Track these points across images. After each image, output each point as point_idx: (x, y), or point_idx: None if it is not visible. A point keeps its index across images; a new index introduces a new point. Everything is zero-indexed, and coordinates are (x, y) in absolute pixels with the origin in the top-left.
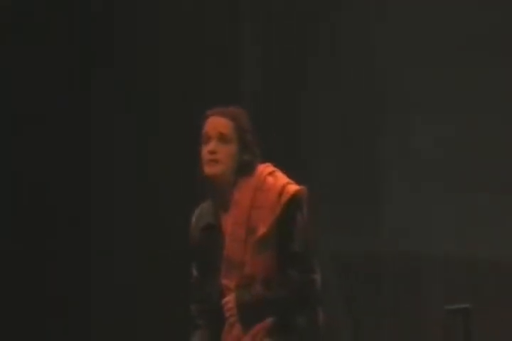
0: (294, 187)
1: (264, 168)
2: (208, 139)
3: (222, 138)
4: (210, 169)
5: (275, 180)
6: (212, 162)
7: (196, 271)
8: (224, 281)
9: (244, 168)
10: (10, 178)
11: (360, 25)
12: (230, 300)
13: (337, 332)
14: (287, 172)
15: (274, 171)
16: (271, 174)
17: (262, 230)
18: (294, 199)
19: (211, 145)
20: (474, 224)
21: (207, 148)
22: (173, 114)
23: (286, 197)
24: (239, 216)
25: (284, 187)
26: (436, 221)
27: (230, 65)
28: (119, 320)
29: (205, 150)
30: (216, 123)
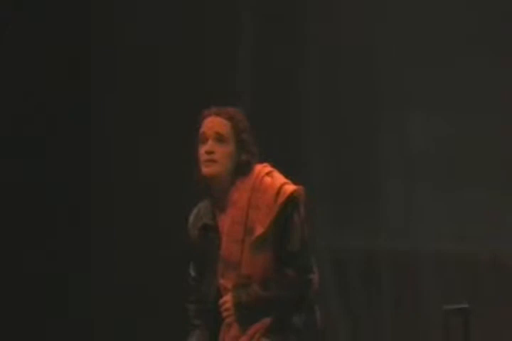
0: (291, 187)
1: (262, 168)
2: (205, 139)
3: (219, 138)
4: (208, 169)
5: (272, 180)
6: (210, 162)
7: (193, 271)
8: (221, 281)
9: (242, 168)
10: (10, 178)
11: (358, 24)
12: (227, 300)
13: (335, 332)
14: (284, 172)
15: (271, 171)
16: (268, 174)
17: (259, 230)
18: (291, 199)
19: (208, 146)
20: (473, 223)
21: (204, 148)
22: (172, 114)
23: (283, 197)
24: (236, 216)
25: (281, 188)
26: (434, 220)
27: (227, 65)
28: (118, 319)
29: (203, 150)
30: (213, 123)
